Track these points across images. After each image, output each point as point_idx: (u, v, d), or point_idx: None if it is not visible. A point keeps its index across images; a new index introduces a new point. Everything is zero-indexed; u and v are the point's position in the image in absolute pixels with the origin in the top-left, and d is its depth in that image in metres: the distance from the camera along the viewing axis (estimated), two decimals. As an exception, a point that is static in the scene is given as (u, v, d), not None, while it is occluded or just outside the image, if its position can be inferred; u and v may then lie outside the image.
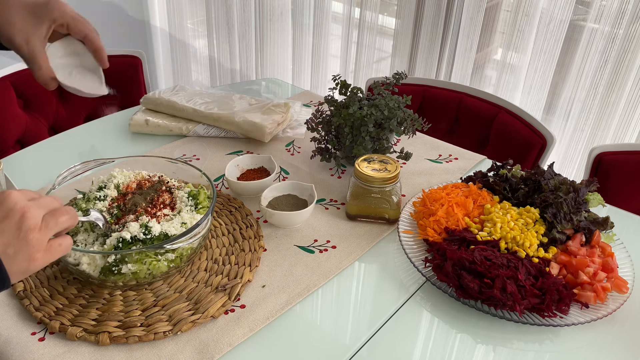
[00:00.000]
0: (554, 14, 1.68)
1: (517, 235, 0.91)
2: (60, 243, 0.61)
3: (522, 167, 1.07)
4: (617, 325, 0.84)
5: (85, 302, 0.83)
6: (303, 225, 1.02)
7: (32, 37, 0.68)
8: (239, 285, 0.85)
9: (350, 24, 2.18)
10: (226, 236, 0.97)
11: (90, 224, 0.85)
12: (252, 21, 2.49)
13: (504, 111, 1.52)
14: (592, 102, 1.71)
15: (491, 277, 0.82)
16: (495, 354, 0.80)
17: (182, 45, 2.87)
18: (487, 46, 1.94)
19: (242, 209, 1.04)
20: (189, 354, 0.75)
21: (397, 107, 1.11)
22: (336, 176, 1.18)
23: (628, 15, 1.55)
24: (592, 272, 0.86)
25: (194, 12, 2.82)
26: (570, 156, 1.84)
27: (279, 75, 2.56)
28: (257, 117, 1.29)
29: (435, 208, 0.98)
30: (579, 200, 0.95)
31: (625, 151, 1.35)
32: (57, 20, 0.70)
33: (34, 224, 0.57)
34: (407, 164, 1.22)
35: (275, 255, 0.94)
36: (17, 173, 1.15)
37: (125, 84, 1.82)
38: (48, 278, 0.87)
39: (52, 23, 0.69)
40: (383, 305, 0.86)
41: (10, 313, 0.81)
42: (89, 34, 0.74)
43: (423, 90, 1.65)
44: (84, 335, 0.77)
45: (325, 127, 1.15)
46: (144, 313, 0.81)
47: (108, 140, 1.30)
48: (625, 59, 1.59)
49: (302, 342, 0.80)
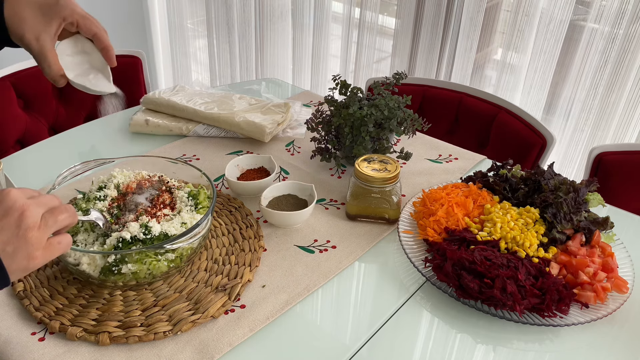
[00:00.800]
0: (554, 14, 1.68)
1: (517, 235, 0.91)
2: (60, 241, 0.61)
3: (522, 167, 1.07)
4: (617, 325, 0.84)
5: (85, 302, 0.83)
6: (303, 225, 1.02)
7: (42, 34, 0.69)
8: (239, 285, 0.85)
9: (351, 24, 2.18)
10: (226, 236, 0.97)
11: (91, 224, 0.85)
12: (252, 21, 2.49)
13: (504, 111, 1.52)
14: (592, 102, 1.71)
15: (491, 277, 0.83)
16: (495, 354, 0.80)
17: (182, 45, 2.87)
18: (487, 46, 1.94)
19: (242, 209, 1.04)
20: (189, 354, 0.75)
21: (397, 107, 1.11)
22: (336, 176, 1.18)
23: (628, 15, 1.55)
24: (592, 272, 0.86)
25: (194, 12, 2.82)
26: (570, 156, 1.84)
27: (279, 75, 2.56)
28: (257, 117, 1.29)
29: (435, 208, 0.98)
30: (579, 200, 0.95)
31: (625, 151, 1.35)
32: (67, 19, 0.71)
33: (33, 222, 0.57)
34: (407, 164, 1.22)
35: (275, 255, 0.94)
36: (17, 173, 1.15)
37: (125, 84, 1.81)
38: (48, 278, 0.88)
39: (62, 21, 0.71)
40: (383, 305, 0.86)
41: (10, 313, 0.81)
42: (98, 33, 0.75)
43: (423, 90, 1.65)
44: (84, 335, 0.77)
45: (325, 127, 1.15)
46: (144, 313, 0.81)
47: (108, 140, 1.30)
48: (625, 59, 1.59)
49: (302, 342, 0.80)
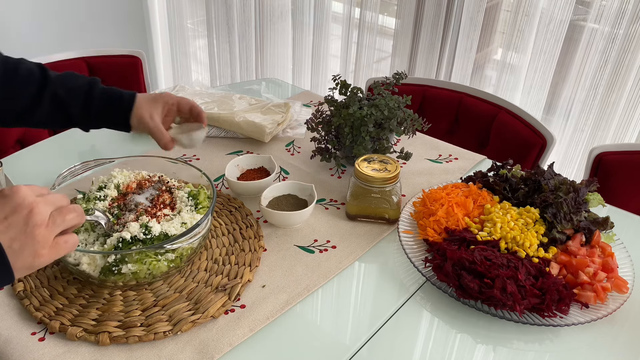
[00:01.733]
0: (554, 14, 1.68)
1: (517, 235, 0.91)
2: (66, 240, 0.61)
3: (522, 167, 1.07)
4: (617, 325, 0.84)
5: (85, 302, 0.83)
6: (303, 225, 1.02)
7: (154, 114, 0.95)
8: (239, 286, 0.85)
9: (351, 24, 2.18)
10: (226, 236, 0.97)
11: (91, 223, 0.85)
12: (252, 21, 2.49)
13: (504, 111, 1.52)
14: (592, 102, 1.71)
15: (491, 277, 0.82)
16: (495, 353, 0.80)
17: (182, 45, 2.87)
18: (487, 46, 1.94)
19: (242, 209, 1.04)
20: (189, 354, 0.75)
21: (397, 107, 1.11)
22: (336, 176, 1.18)
23: (628, 15, 1.55)
24: (592, 272, 0.86)
25: (194, 12, 2.82)
26: (570, 156, 1.84)
27: (279, 75, 2.56)
28: (257, 117, 1.29)
29: (435, 208, 0.98)
30: (579, 200, 0.95)
31: (626, 151, 1.35)
32: (169, 101, 0.98)
33: (41, 220, 0.57)
34: (407, 164, 1.22)
35: (275, 255, 0.94)
36: (17, 173, 1.15)
37: (125, 83, 1.82)
38: (48, 278, 0.88)
39: (166, 104, 0.98)
40: (383, 305, 0.86)
41: (11, 313, 0.81)
42: (193, 104, 1.00)
43: (423, 90, 1.65)
44: (84, 335, 0.77)
45: (325, 127, 1.15)
46: (144, 313, 0.81)
47: (108, 140, 1.30)
48: (625, 59, 1.59)
49: (302, 342, 0.80)
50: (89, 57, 1.77)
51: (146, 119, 0.95)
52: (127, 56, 1.81)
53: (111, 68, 1.80)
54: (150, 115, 0.95)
